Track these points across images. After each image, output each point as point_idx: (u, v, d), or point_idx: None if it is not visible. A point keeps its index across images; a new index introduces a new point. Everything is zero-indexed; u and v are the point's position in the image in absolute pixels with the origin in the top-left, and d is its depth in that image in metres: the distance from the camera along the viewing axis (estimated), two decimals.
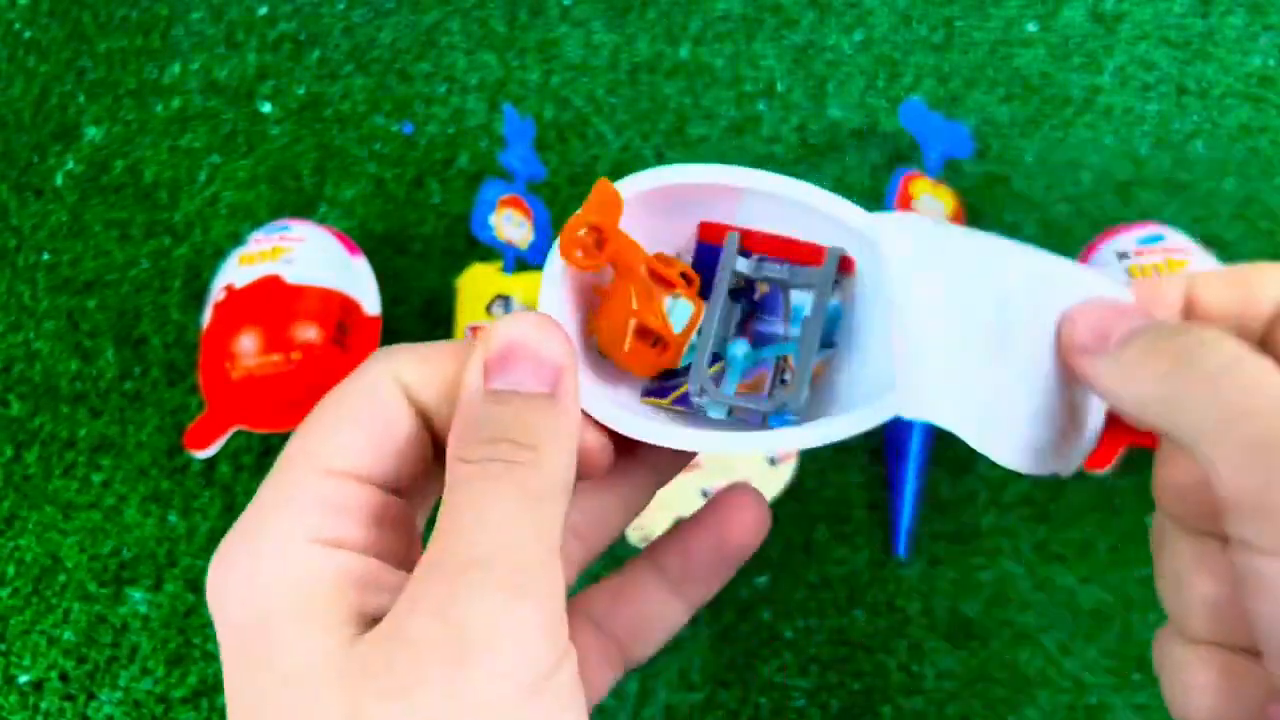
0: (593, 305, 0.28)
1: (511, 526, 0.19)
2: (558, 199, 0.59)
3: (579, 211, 0.27)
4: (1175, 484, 0.22)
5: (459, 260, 0.58)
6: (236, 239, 0.59)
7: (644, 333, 0.27)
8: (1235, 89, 0.60)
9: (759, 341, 0.28)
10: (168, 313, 0.58)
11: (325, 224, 0.57)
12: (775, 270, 0.28)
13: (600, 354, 0.27)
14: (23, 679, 0.49)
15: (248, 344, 0.48)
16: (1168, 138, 0.59)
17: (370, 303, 0.52)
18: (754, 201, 0.27)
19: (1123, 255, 0.48)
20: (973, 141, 0.58)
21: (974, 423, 0.24)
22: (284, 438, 0.53)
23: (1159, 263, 0.47)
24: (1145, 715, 0.44)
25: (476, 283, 0.53)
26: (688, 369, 0.27)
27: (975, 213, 0.57)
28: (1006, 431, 0.24)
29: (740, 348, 0.28)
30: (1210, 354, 0.20)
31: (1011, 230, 0.57)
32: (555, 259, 0.27)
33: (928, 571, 0.48)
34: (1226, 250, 0.55)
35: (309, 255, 0.51)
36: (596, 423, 0.24)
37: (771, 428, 0.27)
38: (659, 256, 0.28)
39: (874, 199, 0.58)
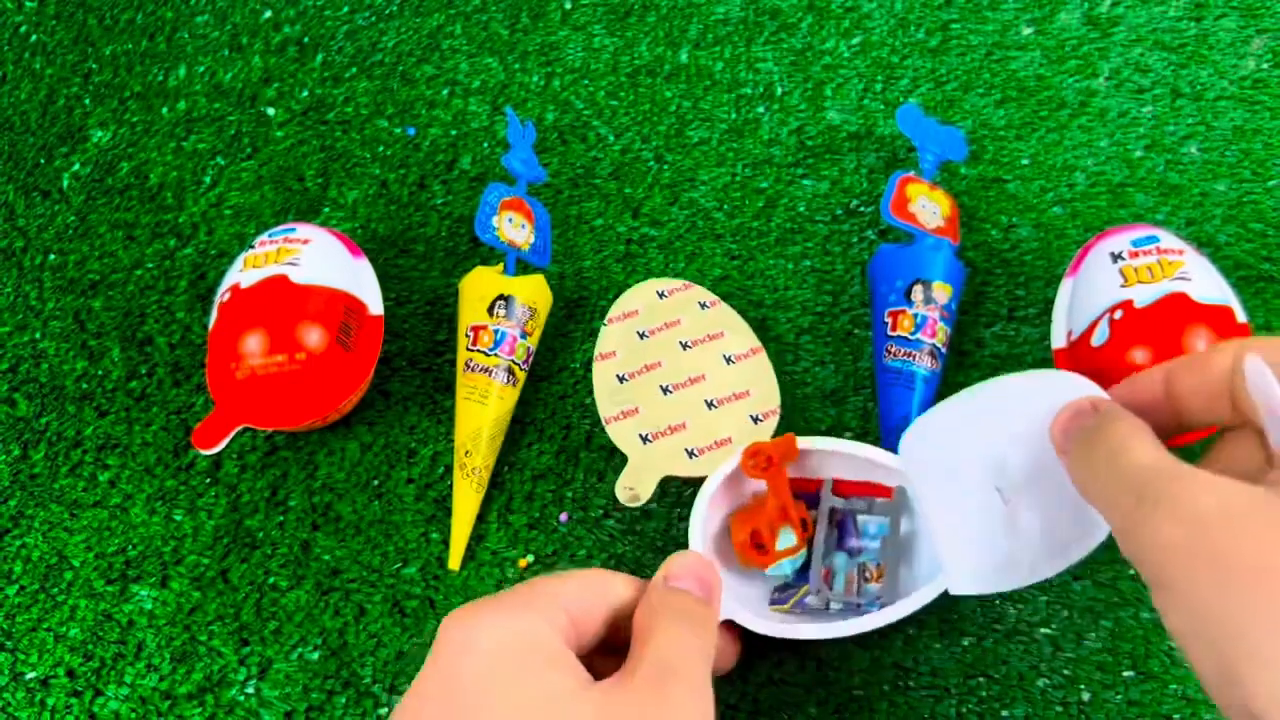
0: (738, 503, 0.47)
1: (694, 652, 0.33)
2: (559, 201, 0.60)
3: (768, 441, 0.45)
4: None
5: (461, 262, 0.59)
6: (241, 240, 0.60)
7: (757, 537, 0.44)
8: (1229, 92, 0.61)
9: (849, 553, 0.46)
10: (173, 313, 0.58)
11: (329, 226, 0.58)
12: (858, 504, 0.46)
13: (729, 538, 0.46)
14: (30, 676, 0.50)
15: (253, 344, 0.49)
16: (1161, 140, 0.59)
17: (374, 303, 0.53)
18: (837, 458, 0.46)
19: (1116, 257, 0.49)
20: (968, 144, 0.59)
21: (992, 572, 0.39)
22: (289, 435, 0.54)
23: (1153, 264, 0.48)
24: (1138, 711, 0.45)
25: (479, 284, 0.53)
26: (796, 584, 0.45)
27: (970, 215, 0.58)
28: (1023, 559, 0.38)
29: (841, 559, 0.46)
30: (1105, 444, 0.31)
31: (1006, 232, 0.57)
32: (734, 463, 0.46)
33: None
34: (1219, 252, 0.55)
35: (313, 257, 0.52)
36: (727, 632, 0.42)
37: (865, 612, 0.43)
38: (797, 501, 0.46)
39: (871, 202, 0.59)
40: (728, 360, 0.51)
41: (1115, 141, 0.60)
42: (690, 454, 0.48)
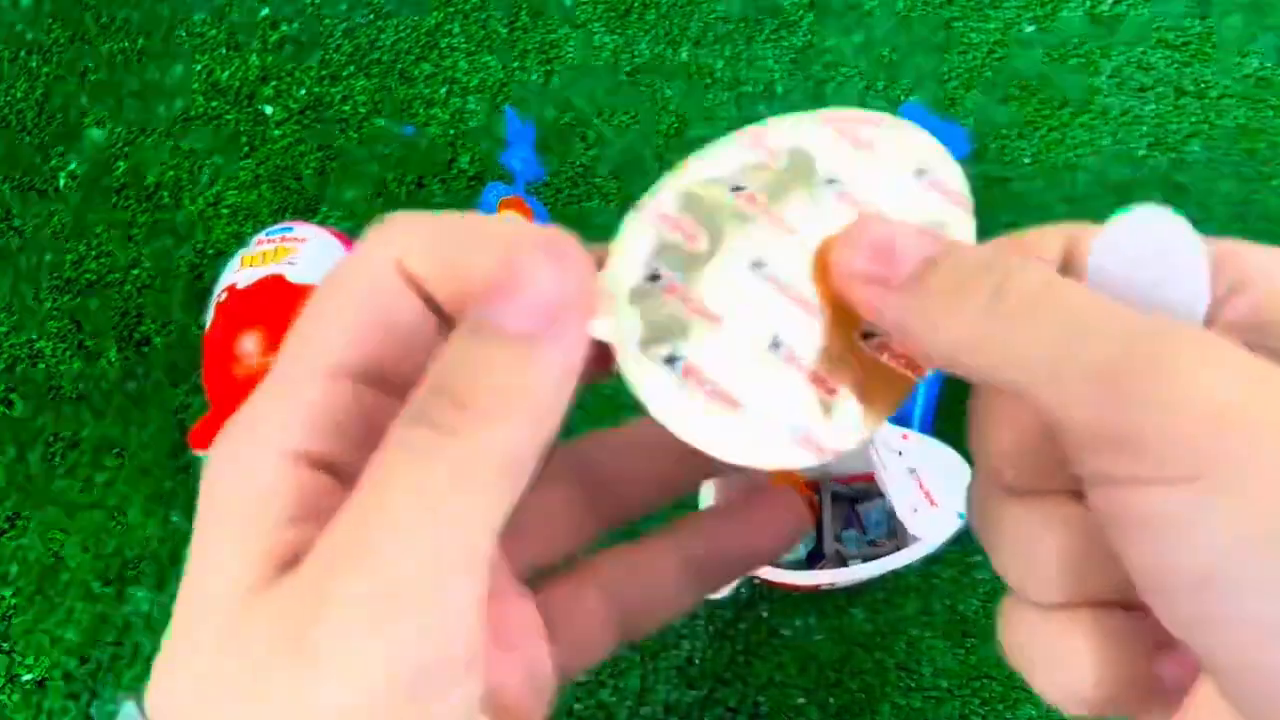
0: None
1: (406, 531, 0.15)
2: (558, 200, 0.60)
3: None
4: (1006, 444, 0.19)
5: None
6: (238, 240, 0.60)
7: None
8: (1233, 90, 0.60)
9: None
10: (170, 313, 0.58)
11: (326, 225, 0.57)
12: (858, 488, 0.50)
13: None
14: (26, 678, 0.49)
15: (250, 344, 0.49)
16: (1165, 139, 0.59)
17: None
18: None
19: None
20: (970, 143, 0.59)
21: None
22: None
23: None
24: None
25: None
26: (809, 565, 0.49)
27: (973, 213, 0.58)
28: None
29: (852, 536, 0.50)
30: (1025, 281, 0.17)
31: (1009, 231, 0.57)
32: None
33: (925, 570, 0.49)
34: None
35: (311, 256, 0.51)
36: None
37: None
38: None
39: None
40: None
41: (1118, 140, 0.59)
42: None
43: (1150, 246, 0.18)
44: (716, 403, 0.18)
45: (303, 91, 0.65)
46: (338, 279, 0.19)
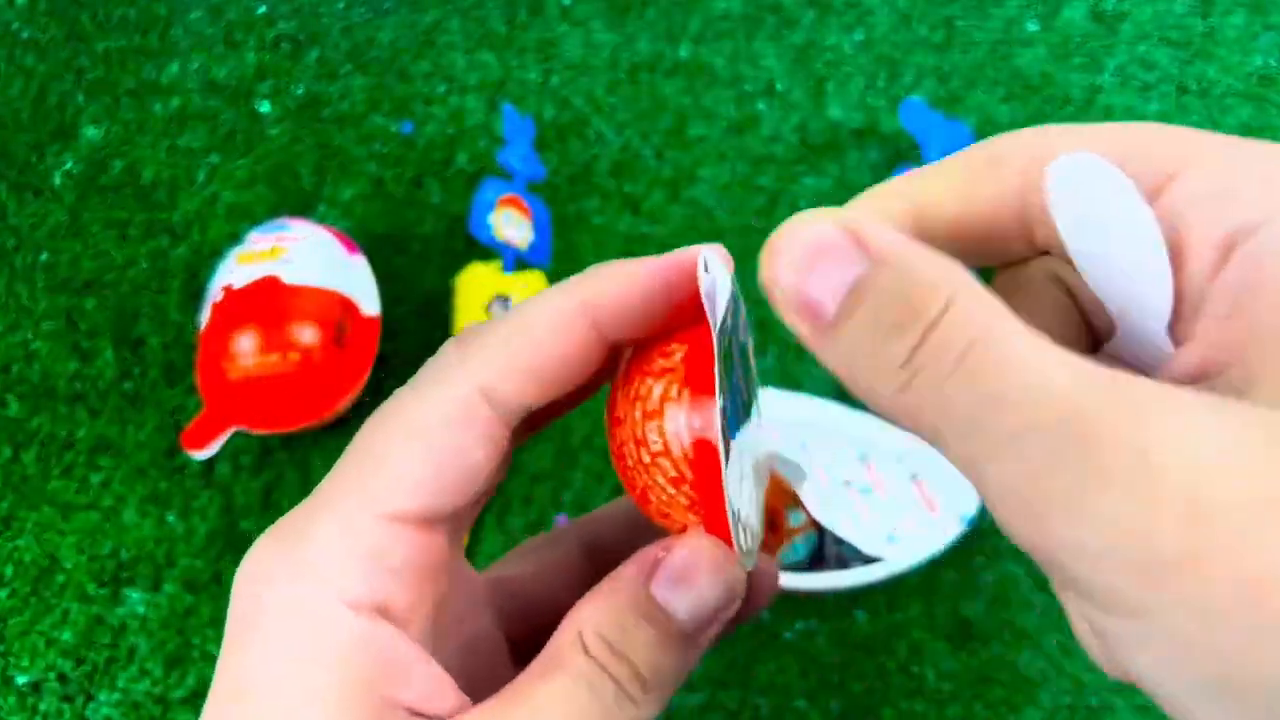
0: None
1: None
2: (557, 199, 0.59)
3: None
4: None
5: (458, 260, 0.58)
6: (235, 239, 0.59)
7: (768, 513, 0.42)
8: (1236, 89, 0.60)
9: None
10: (166, 313, 0.58)
11: (324, 224, 0.57)
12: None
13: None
14: (21, 680, 0.49)
15: (246, 344, 0.48)
16: None
17: (369, 303, 0.52)
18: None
19: None
20: (973, 141, 0.58)
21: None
22: (283, 439, 0.53)
23: None
24: (1146, 716, 0.44)
25: (475, 282, 0.52)
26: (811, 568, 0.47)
27: None
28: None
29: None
30: (945, 341, 0.15)
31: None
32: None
33: (928, 572, 0.48)
34: None
35: (307, 255, 0.51)
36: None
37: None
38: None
39: None
40: None
41: None
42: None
43: (1099, 190, 0.16)
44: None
45: (300, 89, 0.64)
46: (408, 409, 0.19)
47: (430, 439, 0.18)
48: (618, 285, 0.20)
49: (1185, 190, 0.15)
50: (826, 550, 0.46)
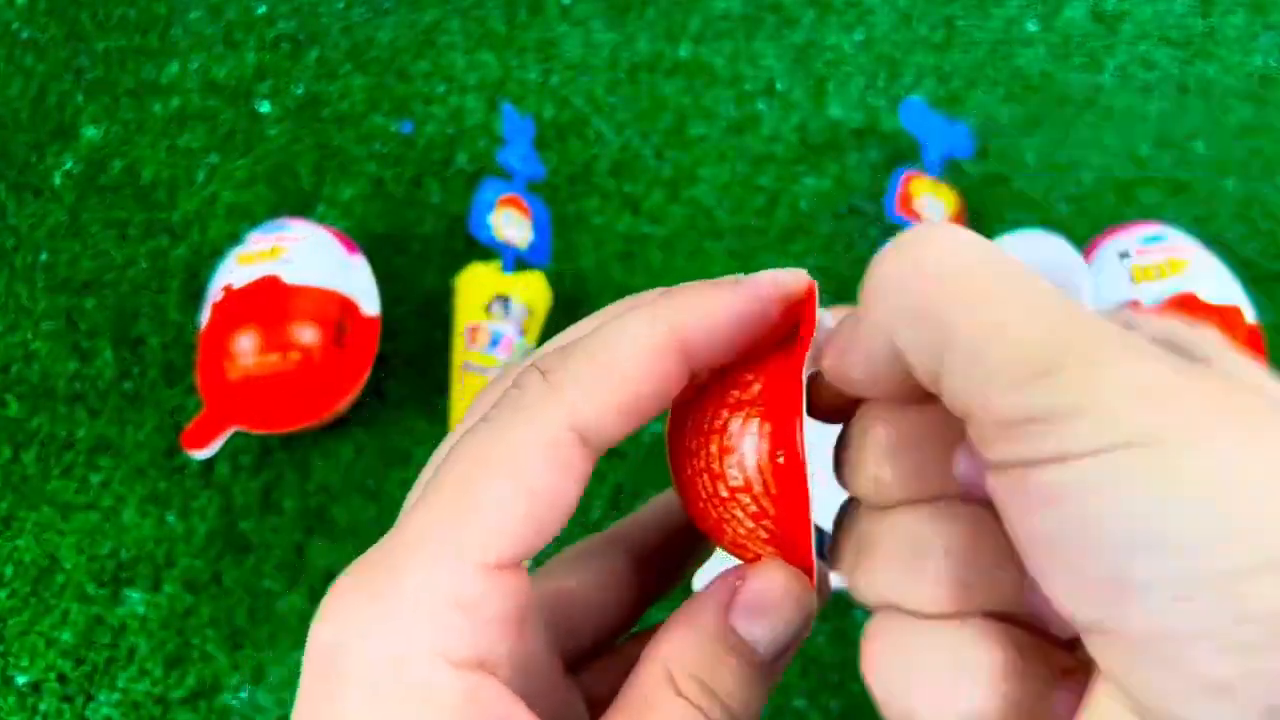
0: None
1: None
2: (557, 198, 0.59)
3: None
4: (884, 444, 0.19)
5: (458, 260, 0.58)
6: (235, 238, 0.59)
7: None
8: (1236, 88, 0.60)
9: None
10: (166, 312, 0.58)
11: (324, 224, 0.57)
12: None
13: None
14: (21, 680, 0.49)
15: (246, 344, 0.48)
16: (1169, 137, 0.59)
17: (369, 302, 0.52)
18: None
19: (1124, 255, 0.48)
20: (973, 141, 0.58)
21: None
22: (283, 439, 0.53)
23: (1160, 262, 0.47)
24: None
25: (475, 282, 0.52)
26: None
27: (976, 213, 0.57)
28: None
29: None
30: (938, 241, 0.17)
31: (1013, 230, 0.56)
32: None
33: None
34: (1228, 250, 0.54)
35: (307, 255, 0.51)
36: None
37: None
38: None
39: (874, 199, 0.58)
40: None
41: (1122, 138, 0.59)
42: None
43: (1042, 260, 0.18)
44: None
45: (299, 89, 0.64)
46: (499, 453, 0.18)
47: (529, 482, 0.17)
48: (708, 313, 0.19)
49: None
50: (825, 549, 0.46)
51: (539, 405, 0.18)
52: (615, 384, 0.18)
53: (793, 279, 0.20)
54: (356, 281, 0.52)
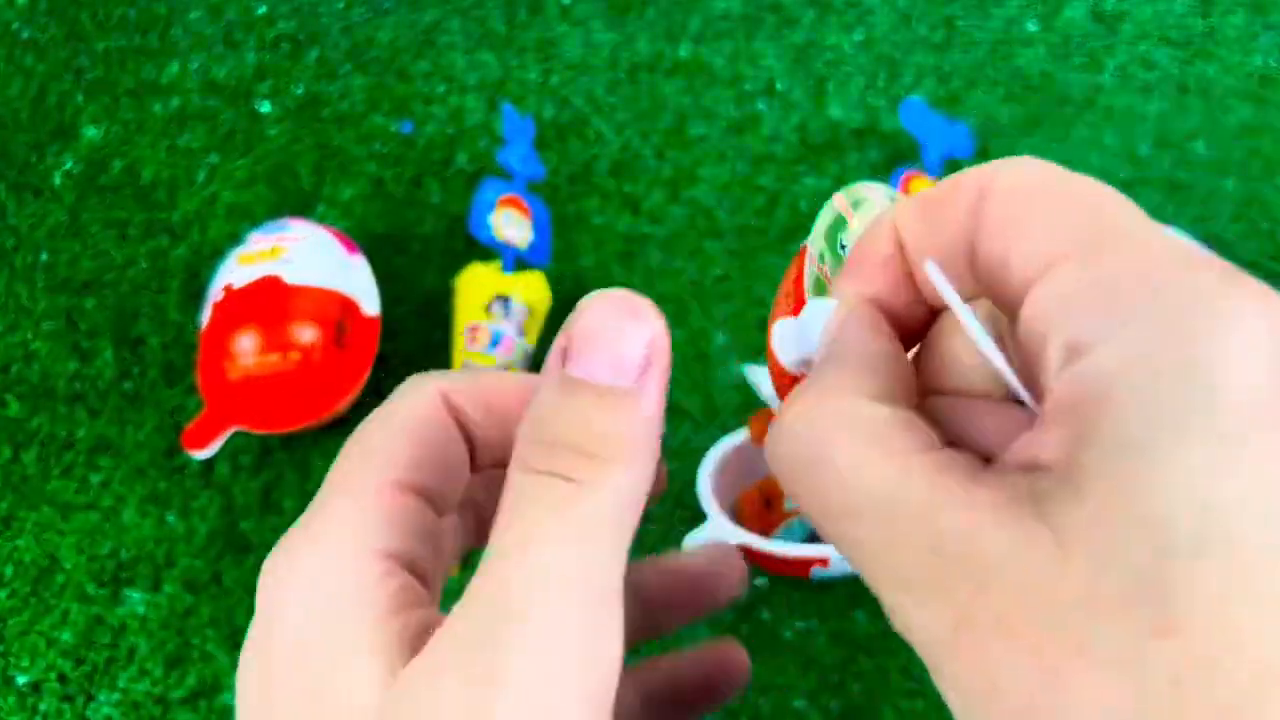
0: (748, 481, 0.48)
1: (559, 572, 0.17)
2: (557, 198, 0.59)
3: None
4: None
5: (458, 260, 0.58)
6: (235, 238, 0.59)
7: (766, 492, 0.45)
8: (1236, 89, 0.60)
9: None
10: (166, 312, 0.58)
11: (324, 224, 0.57)
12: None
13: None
14: (21, 680, 0.49)
15: (246, 344, 0.48)
16: (1168, 137, 0.59)
17: (369, 302, 0.52)
18: None
19: None
20: (973, 141, 0.58)
21: None
22: (283, 439, 0.53)
23: None
24: None
25: (475, 282, 0.52)
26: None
27: None
28: None
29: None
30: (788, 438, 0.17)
31: None
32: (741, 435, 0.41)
33: None
34: (1227, 250, 0.54)
35: (307, 255, 0.51)
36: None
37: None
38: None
39: None
40: None
41: (1122, 138, 0.59)
42: None
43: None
44: None
45: (299, 89, 0.64)
46: (392, 404, 0.21)
47: (410, 425, 0.20)
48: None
49: (1046, 291, 0.16)
50: None
51: (416, 379, 0.21)
52: (479, 371, 0.22)
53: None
54: (356, 281, 0.52)
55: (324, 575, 0.18)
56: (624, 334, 0.18)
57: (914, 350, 0.19)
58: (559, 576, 0.17)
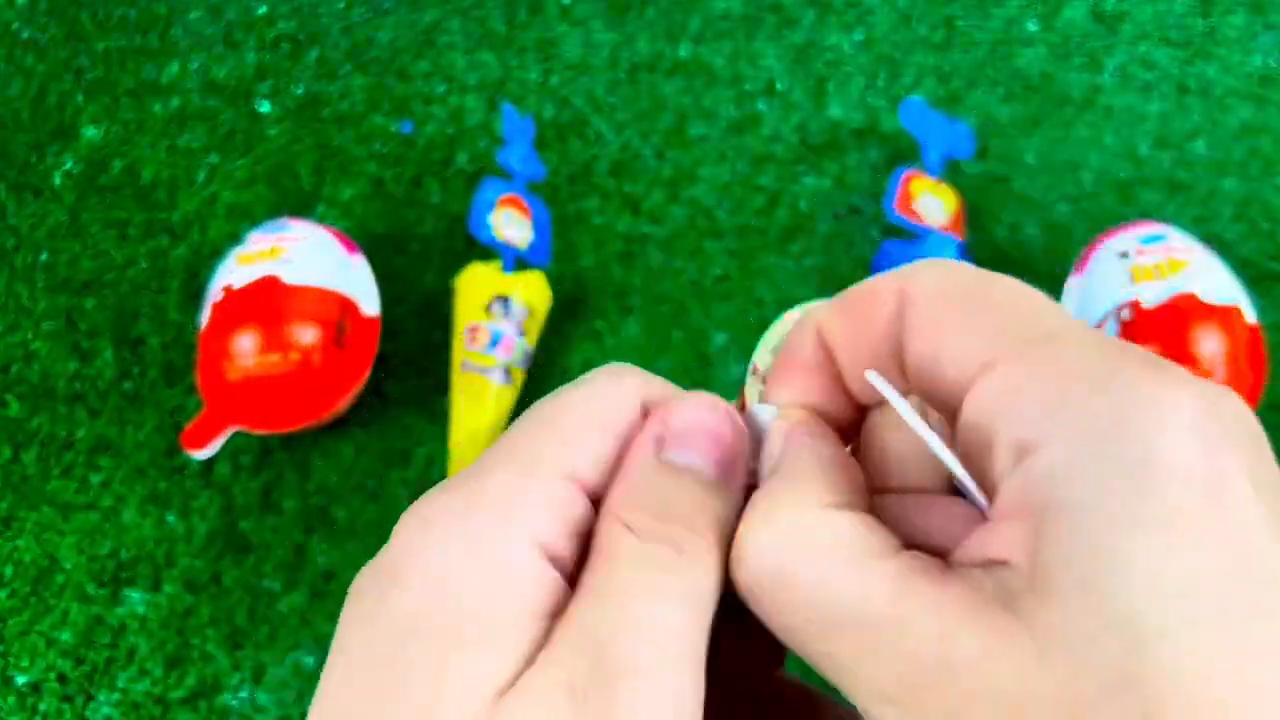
0: None
1: (673, 629, 0.17)
2: (557, 198, 0.59)
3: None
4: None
5: (458, 260, 0.58)
6: (235, 239, 0.59)
7: None
8: (1236, 88, 0.60)
9: None
10: (166, 312, 0.58)
11: (324, 224, 0.57)
12: None
13: None
14: (21, 680, 0.49)
15: (246, 344, 0.48)
16: (1168, 137, 0.59)
17: (369, 303, 0.52)
18: None
19: (1124, 255, 0.48)
20: (973, 141, 0.58)
21: None
22: (283, 439, 0.53)
23: (1160, 262, 0.47)
24: None
25: (475, 282, 0.52)
26: None
27: (976, 212, 0.57)
28: None
29: None
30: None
31: (1012, 230, 0.56)
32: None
33: None
34: (1227, 250, 0.54)
35: (307, 255, 0.51)
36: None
37: None
38: None
39: (874, 199, 0.58)
40: None
41: (1122, 138, 0.59)
42: None
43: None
44: None
45: (299, 89, 0.64)
46: (590, 390, 0.20)
47: (603, 418, 0.19)
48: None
49: (986, 390, 0.17)
50: None
51: (613, 378, 0.20)
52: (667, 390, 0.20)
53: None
54: (356, 281, 0.52)
55: (488, 549, 0.18)
56: (722, 430, 0.19)
57: (847, 450, 0.20)
58: (674, 633, 0.17)
